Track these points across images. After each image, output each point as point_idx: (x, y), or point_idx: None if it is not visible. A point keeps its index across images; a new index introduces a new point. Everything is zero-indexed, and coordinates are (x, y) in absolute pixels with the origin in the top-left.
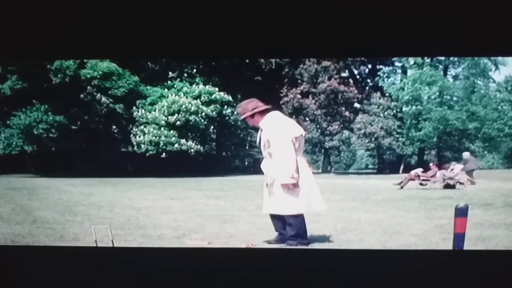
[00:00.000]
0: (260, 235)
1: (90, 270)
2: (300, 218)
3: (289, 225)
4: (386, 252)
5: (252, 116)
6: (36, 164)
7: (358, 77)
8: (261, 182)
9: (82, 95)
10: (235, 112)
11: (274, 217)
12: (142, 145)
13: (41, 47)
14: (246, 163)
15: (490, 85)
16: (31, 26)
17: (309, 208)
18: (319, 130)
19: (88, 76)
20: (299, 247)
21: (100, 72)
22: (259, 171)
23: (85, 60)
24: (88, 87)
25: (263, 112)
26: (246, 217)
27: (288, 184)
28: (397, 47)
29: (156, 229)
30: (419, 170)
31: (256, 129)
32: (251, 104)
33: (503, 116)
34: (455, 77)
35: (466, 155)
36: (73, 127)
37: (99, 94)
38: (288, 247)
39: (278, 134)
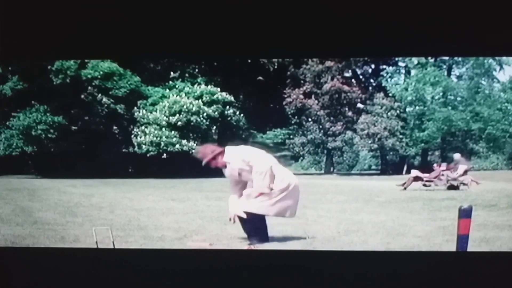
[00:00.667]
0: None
1: (91, 272)
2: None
3: None
4: (389, 254)
5: (214, 158)
6: (37, 165)
7: (361, 77)
8: None
9: (82, 96)
10: (237, 113)
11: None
12: (143, 146)
13: (41, 47)
14: None
15: (494, 85)
16: (31, 26)
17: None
18: (322, 131)
19: (89, 76)
20: (301, 248)
21: (101, 73)
22: None
23: (86, 60)
24: (89, 88)
25: (222, 153)
26: None
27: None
28: (401, 47)
29: (157, 231)
30: (415, 173)
31: (261, 130)
32: (208, 148)
33: (507, 116)
34: (459, 77)
35: (456, 156)
36: (73, 127)
37: (100, 95)
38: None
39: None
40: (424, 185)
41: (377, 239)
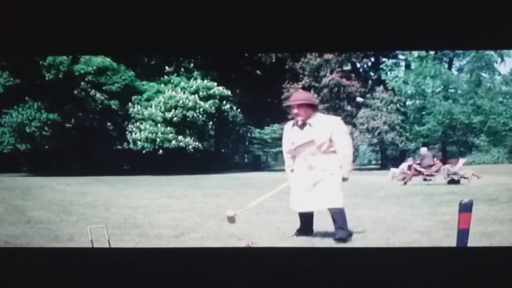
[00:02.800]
0: (260, 234)
1: (87, 273)
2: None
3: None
4: (389, 250)
5: (308, 106)
6: (29, 162)
7: (360, 70)
8: (261, 179)
9: (76, 92)
10: (234, 108)
11: (306, 213)
12: (138, 142)
13: (34, 43)
14: (246, 160)
15: (495, 77)
16: (24, 22)
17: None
18: None
19: (82, 71)
20: (301, 245)
21: (94, 67)
22: (259, 168)
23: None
24: (82, 83)
25: (312, 108)
26: (246, 216)
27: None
28: (401, 40)
29: (153, 229)
30: (406, 165)
31: (258, 125)
32: (307, 94)
33: (508, 109)
34: (460, 70)
35: (423, 150)
36: (67, 124)
37: (93, 90)
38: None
39: (345, 132)
40: (425, 179)
41: (377, 234)
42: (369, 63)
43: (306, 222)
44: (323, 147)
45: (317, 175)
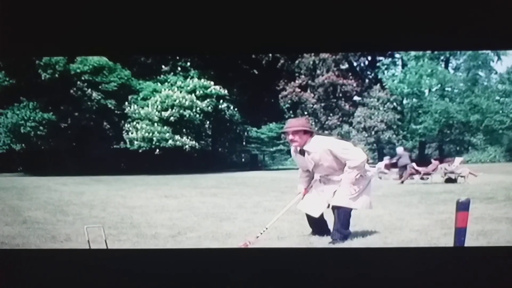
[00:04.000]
0: (258, 233)
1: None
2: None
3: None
4: (386, 250)
5: (305, 132)
6: (25, 162)
7: (357, 69)
8: (259, 178)
9: (72, 91)
10: (231, 107)
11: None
12: (135, 142)
13: (30, 43)
14: (243, 159)
15: (492, 76)
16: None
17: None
18: (318, 124)
19: (78, 71)
20: (299, 245)
21: (90, 67)
22: (256, 167)
23: None
24: (78, 82)
25: (308, 134)
26: (244, 215)
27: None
28: (398, 41)
29: (150, 228)
30: (382, 164)
31: (255, 124)
32: (301, 121)
33: (505, 108)
34: (457, 69)
35: (399, 150)
36: (63, 124)
37: (89, 90)
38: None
39: (342, 146)
40: (422, 178)
41: (375, 233)
42: (366, 62)
43: (318, 226)
44: (334, 165)
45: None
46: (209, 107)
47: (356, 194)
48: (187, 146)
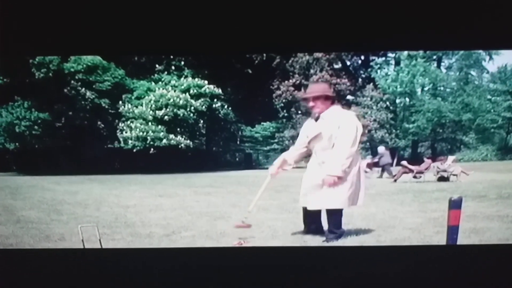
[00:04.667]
0: (252, 232)
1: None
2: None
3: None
4: (380, 248)
5: (322, 98)
6: (19, 162)
7: (350, 68)
8: (253, 177)
9: (66, 90)
10: (225, 106)
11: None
12: (129, 141)
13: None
14: (237, 158)
15: (484, 75)
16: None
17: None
18: None
19: (72, 70)
20: (292, 244)
21: (84, 66)
22: (250, 166)
23: None
24: (72, 82)
25: (329, 100)
26: (238, 214)
27: (335, 177)
28: (391, 41)
29: (145, 228)
30: (365, 162)
31: (249, 123)
32: (322, 87)
33: (496, 107)
34: (449, 68)
35: (381, 149)
36: (57, 124)
37: (83, 89)
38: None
39: (351, 127)
40: (415, 177)
41: (368, 231)
42: (359, 61)
43: (312, 220)
44: (332, 141)
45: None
46: (203, 106)
47: (340, 193)
48: (181, 145)
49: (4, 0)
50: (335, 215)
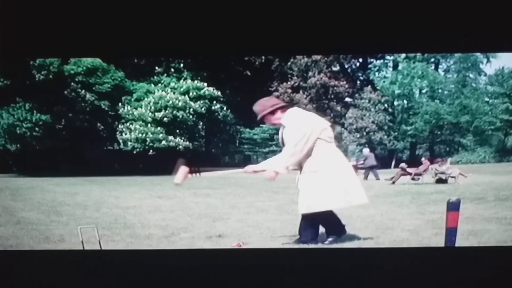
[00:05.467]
0: (251, 233)
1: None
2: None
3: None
4: (378, 250)
5: (273, 112)
6: (19, 163)
7: (348, 71)
8: (252, 179)
9: (66, 92)
10: (224, 108)
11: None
12: (129, 143)
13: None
14: (236, 160)
15: (481, 78)
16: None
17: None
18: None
19: (72, 72)
20: (291, 246)
21: (84, 68)
22: None
23: None
24: (72, 84)
25: (283, 109)
26: (237, 215)
27: (275, 172)
28: (388, 43)
29: (144, 229)
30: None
31: (248, 125)
32: (271, 101)
33: (494, 109)
34: (447, 71)
35: (365, 151)
36: (57, 125)
37: (83, 91)
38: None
39: (302, 127)
40: (413, 179)
41: (366, 233)
42: (357, 64)
43: (307, 225)
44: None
45: (301, 175)
46: (203, 108)
47: (315, 195)
48: (180, 147)
49: (4, 1)
50: (315, 219)
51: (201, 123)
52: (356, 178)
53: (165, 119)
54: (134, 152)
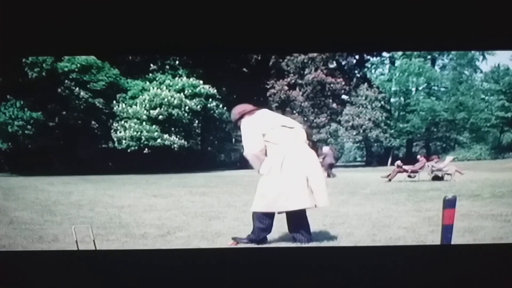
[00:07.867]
0: (247, 232)
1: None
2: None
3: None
4: (374, 248)
5: (241, 118)
6: (12, 162)
7: (345, 68)
8: (248, 177)
9: (59, 90)
10: (220, 106)
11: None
12: (123, 141)
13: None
14: (232, 158)
15: (477, 75)
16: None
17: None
18: (307, 123)
19: (66, 69)
20: (286, 245)
21: (78, 65)
22: (245, 166)
23: None
24: (66, 81)
25: (250, 113)
26: (233, 214)
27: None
28: (385, 41)
29: (139, 228)
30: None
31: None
32: (240, 108)
33: (490, 106)
34: (443, 68)
35: (325, 149)
36: (50, 123)
37: (77, 88)
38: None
39: (243, 132)
40: (409, 176)
41: (363, 231)
42: (354, 61)
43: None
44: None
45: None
46: (198, 106)
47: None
48: (176, 145)
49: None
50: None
51: (197, 121)
52: (300, 183)
53: (160, 117)
54: (129, 150)
